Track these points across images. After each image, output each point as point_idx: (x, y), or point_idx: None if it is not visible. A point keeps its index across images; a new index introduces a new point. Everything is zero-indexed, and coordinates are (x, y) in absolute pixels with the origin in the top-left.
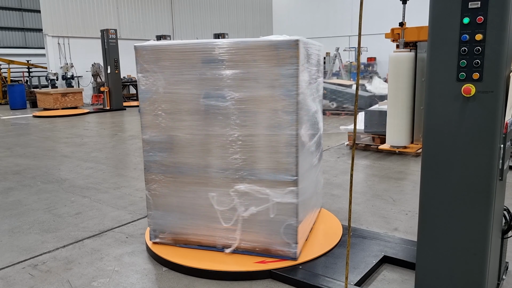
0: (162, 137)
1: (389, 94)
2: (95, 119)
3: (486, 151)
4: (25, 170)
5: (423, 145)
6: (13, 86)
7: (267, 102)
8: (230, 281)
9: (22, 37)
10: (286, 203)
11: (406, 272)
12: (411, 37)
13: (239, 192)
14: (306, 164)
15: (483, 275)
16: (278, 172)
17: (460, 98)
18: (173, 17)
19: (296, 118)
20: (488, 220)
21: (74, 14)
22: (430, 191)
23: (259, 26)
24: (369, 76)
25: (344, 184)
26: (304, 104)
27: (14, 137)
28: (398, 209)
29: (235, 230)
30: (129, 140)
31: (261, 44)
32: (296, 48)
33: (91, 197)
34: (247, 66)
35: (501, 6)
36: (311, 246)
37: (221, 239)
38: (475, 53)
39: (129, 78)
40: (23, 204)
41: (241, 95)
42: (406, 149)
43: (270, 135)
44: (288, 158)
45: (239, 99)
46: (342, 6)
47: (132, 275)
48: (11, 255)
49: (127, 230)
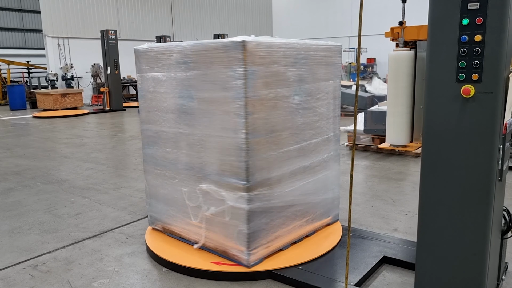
0: (152, 131)
1: (389, 93)
2: (95, 120)
3: (485, 152)
4: (25, 170)
5: (423, 146)
6: (13, 86)
7: (221, 103)
8: (230, 281)
9: (22, 38)
10: (238, 208)
11: (405, 273)
12: (410, 36)
13: (202, 191)
14: (278, 170)
15: (483, 276)
16: (231, 175)
17: (460, 99)
18: (172, 18)
19: (245, 121)
20: (487, 221)
21: (74, 15)
22: (430, 191)
23: (259, 26)
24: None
25: (343, 184)
26: (261, 107)
27: (14, 137)
28: (397, 209)
29: (201, 227)
30: (129, 140)
31: (215, 45)
32: (243, 49)
33: (91, 197)
34: (206, 67)
35: (500, 7)
36: (311, 246)
37: (193, 234)
38: (474, 54)
39: (129, 78)
40: (23, 204)
41: (202, 96)
42: (406, 148)
43: (224, 137)
44: (238, 162)
45: (201, 99)
46: (341, 6)
47: (132, 276)
48: (11, 256)
49: (127, 231)
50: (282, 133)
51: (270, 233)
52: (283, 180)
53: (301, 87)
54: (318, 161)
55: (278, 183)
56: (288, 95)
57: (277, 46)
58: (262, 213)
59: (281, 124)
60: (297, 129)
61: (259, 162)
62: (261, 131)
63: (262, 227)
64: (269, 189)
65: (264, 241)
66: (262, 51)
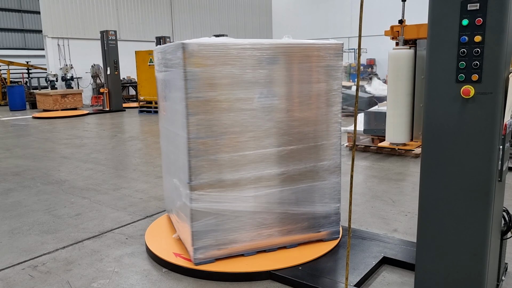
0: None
1: (389, 92)
2: (95, 120)
3: (485, 153)
4: (24, 171)
5: (423, 146)
6: (12, 87)
7: (176, 103)
8: (230, 281)
9: (22, 39)
10: (186, 205)
11: (405, 273)
12: (410, 35)
13: (175, 185)
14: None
15: (483, 276)
16: (183, 173)
17: (459, 99)
18: (172, 19)
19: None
20: (487, 221)
21: (73, 15)
22: (430, 192)
23: (259, 27)
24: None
25: (343, 185)
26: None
27: (14, 138)
28: (397, 210)
29: (177, 220)
30: (128, 141)
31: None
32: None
33: (91, 198)
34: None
35: (500, 8)
36: (311, 247)
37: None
38: (474, 54)
39: (128, 79)
40: (23, 205)
41: (169, 95)
42: (406, 146)
43: (179, 136)
44: (184, 161)
45: (169, 98)
46: (341, 7)
47: (132, 276)
48: (11, 256)
49: (127, 231)
50: (240, 136)
51: (223, 235)
52: (241, 184)
53: (271, 90)
54: (298, 170)
55: (233, 187)
56: (248, 98)
57: (227, 47)
58: (210, 214)
59: (237, 127)
60: (264, 133)
61: (206, 163)
62: (208, 132)
63: (212, 228)
64: (221, 191)
65: (213, 242)
66: (206, 52)
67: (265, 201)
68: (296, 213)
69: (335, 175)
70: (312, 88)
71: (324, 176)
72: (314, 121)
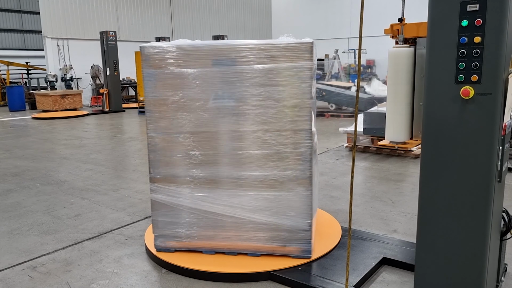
0: None
1: (388, 90)
2: (94, 121)
3: (484, 153)
4: (24, 172)
5: (422, 147)
6: (12, 88)
7: None
8: (230, 282)
9: (21, 39)
10: None
11: (405, 274)
12: (410, 33)
13: None
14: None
15: (482, 277)
16: None
17: (459, 100)
18: (172, 19)
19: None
20: (486, 222)
21: (73, 16)
22: (429, 193)
23: (258, 28)
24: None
25: (343, 186)
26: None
27: (13, 139)
28: (397, 210)
29: None
30: (128, 142)
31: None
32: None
33: (90, 199)
34: None
35: (499, 9)
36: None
37: None
38: (473, 55)
39: (128, 80)
40: (22, 206)
41: None
42: (406, 145)
43: None
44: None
45: None
46: (341, 8)
47: (132, 277)
48: (10, 257)
49: (127, 232)
50: (194, 136)
51: (180, 228)
52: (196, 183)
53: (227, 92)
54: (256, 176)
55: (188, 184)
56: (202, 99)
57: (183, 49)
58: (167, 206)
59: (193, 128)
60: (217, 136)
61: (164, 158)
62: (165, 130)
63: (169, 220)
64: (176, 186)
65: (171, 233)
66: (160, 55)
67: (219, 203)
68: (254, 221)
69: (304, 187)
70: (273, 91)
71: (289, 187)
72: (275, 127)
